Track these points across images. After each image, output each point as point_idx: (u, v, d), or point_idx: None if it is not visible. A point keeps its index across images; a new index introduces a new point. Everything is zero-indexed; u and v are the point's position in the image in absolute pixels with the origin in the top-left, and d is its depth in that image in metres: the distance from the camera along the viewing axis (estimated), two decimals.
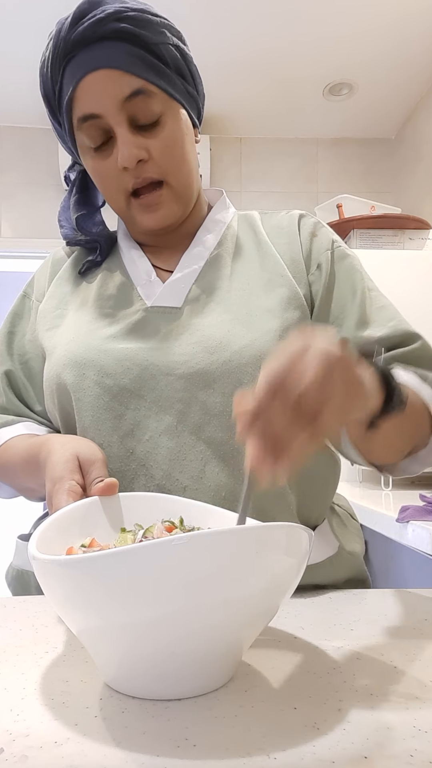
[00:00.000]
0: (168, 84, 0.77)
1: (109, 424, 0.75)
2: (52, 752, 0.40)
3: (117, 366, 0.75)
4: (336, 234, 0.89)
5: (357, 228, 2.24)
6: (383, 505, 1.48)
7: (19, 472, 0.78)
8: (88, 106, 0.76)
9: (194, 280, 0.82)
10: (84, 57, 0.75)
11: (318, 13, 2.30)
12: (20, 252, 3.10)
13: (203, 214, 0.90)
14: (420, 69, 2.63)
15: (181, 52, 0.79)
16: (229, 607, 0.44)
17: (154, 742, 0.41)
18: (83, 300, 0.85)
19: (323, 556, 0.79)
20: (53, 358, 0.80)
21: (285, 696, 0.48)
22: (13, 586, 0.86)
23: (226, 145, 3.17)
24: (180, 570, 0.42)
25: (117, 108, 0.75)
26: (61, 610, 0.47)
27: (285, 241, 0.86)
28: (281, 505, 0.75)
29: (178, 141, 0.79)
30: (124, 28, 0.74)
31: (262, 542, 0.44)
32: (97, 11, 0.74)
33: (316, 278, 0.83)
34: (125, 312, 0.81)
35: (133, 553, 0.42)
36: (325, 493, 0.82)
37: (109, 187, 0.81)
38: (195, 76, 0.82)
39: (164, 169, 0.78)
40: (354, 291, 0.82)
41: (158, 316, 0.79)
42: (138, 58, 0.75)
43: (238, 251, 0.85)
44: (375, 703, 0.47)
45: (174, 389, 0.74)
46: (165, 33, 0.77)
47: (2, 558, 1.15)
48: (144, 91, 0.75)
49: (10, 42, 2.40)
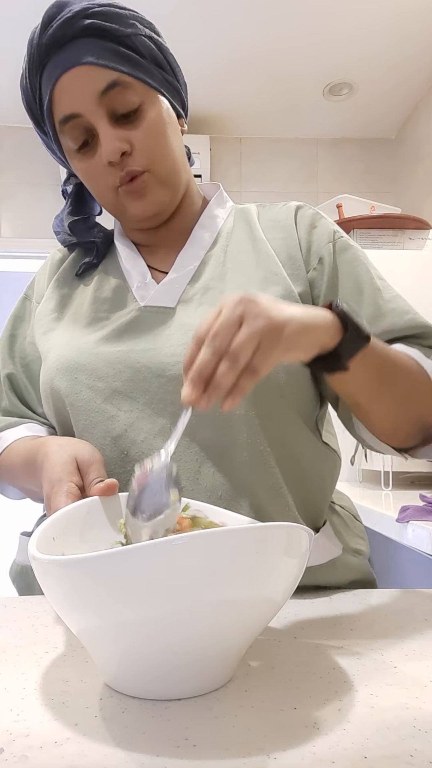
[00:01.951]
0: (144, 73, 0.77)
1: (103, 427, 0.74)
2: (52, 752, 0.40)
3: (109, 369, 0.75)
4: (336, 224, 0.87)
5: (357, 228, 2.24)
6: (383, 505, 1.48)
7: (19, 473, 0.78)
8: (67, 107, 0.76)
9: (189, 280, 0.81)
10: (57, 59, 0.75)
11: (318, 12, 2.30)
12: (20, 252, 3.10)
13: (197, 208, 0.89)
14: (420, 69, 2.63)
15: (155, 43, 0.79)
16: (229, 607, 0.44)
17: (154, 742, 0.41)
18: (79, 303, 0.85)
19: (326, 558, 0.78)
20: (47, 363, 0.80)
21: (285, 696, 0.48)
22: (17, 582, 0.86)
23: (226, 145, 3.17)
24: (180, 570, 0.42)
25: (95, 104, 0.75)
26: (61, 610, 0.47)
27: (281, 236, 0.84)
28: (279, 504, 0.75)
29: (160, 130, 0.78)
30: (93, 23, 0.74)
31: (262, 542, 0.44)
32: (65, 12, 0.75)
33: (318, 274, 0.81)
34: (119, 314, 0.80)
35: (133, 553, 0.42)
36: (323, 492, 0.82)
37: (97, 185, 0.81)
38: (173, 66, 0.82)
39: (148, 158, 0.77)
40: (360, 285, 0.80)
41: (151, 316, 0.79)
42: (110, 51, 0.75)
43: (233, 249, 0.84)
44: (375, 703, 0.47)
45: (166, 391, 0.74)
46: (135, 24, 0.77)
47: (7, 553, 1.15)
48: (120, 82, 0.75)
49: (9, 41, 2.40)
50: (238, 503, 0.72)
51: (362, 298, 0.80)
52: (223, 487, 0.72)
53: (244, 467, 0.73)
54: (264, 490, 0.74)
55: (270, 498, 0.74)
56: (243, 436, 0.73)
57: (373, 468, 1.90)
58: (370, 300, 0.79)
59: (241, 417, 0.73)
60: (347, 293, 0.80)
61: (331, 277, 0.81)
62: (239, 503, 0.72)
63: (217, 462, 0.73)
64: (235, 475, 0.73)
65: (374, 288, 0.80)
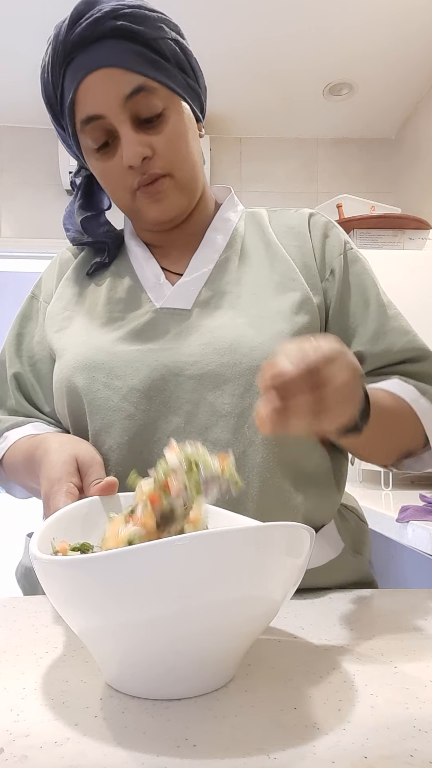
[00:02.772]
0: (169, 79, 0.77)
1: (119, 426, 0.74)
2: (52, 752, 0.40)
3: (126, 367, 0.75)
4: (345, 233, 0.88)
5: (357, 228, 2.24)
6: (383, 505, 1.48)
7: (22, 471, 0.78)
8: (91, 108, 0.75)
9: (204, 282, 0.81)
10: (83, 58, 0.74)
11: (318, 12, 2.30)
12: (20, 252, 3.10)
13: (210, 211, 0.89)
14: (420, 68, 2.63)
15: (180, 46, 0.79)
16: (229, 607, 0.44)
17: (154, 742, 0.41)
18: (92, 303, 0.84)
19: (326, 558, 0.78)
20: (63, 360, 0.80)
21: (285, 696, 0.48)
22: (22, 584, 0.86)
23: (226, 145, 3.17)
24: (181, 570, 0.42)
25: (119, 107, 0.74)
26: (62, 610, 0.47)
27: (296, 243, 0.85)
28: (286, 507, 0.74)
29: (182, 135, 0.78)
30: (122, 25, 0.74)
31: (264, 542, 0.44)
32: (94, 11, 0.74)
33: (330, 285, 0.83)
34: (134, 314, 0.80)
35: (134, 553, 0.42)
36: (330, 493, 0.81)
37: (115, 187, 0.80)
38: (195, 70, 0.82)
39: (169, 163, 0.77)
40: (367, 300, 0.83)
41: (168, 318, 0.79)
42: (137, 54, 0.75)
43: (246, 253, 0.84)
44: (375, 703, 0.47)
45: (183, 390, 0.74)
46: (163, 28, 0.77)
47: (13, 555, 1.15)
48: (145, 87, 0.75)
49: (10, 40, 2.40)
50: (243, 505, 0.72)
51: (368, 312, 0.82)
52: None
53: (252, 468, 0.73)
54: (271, 491, 0.73)
55: (277, 500, 0.74)
56: (253, 436, 0.73)
57: (373, 468, 1.89)
58: (375, 316, 0.82)
59: (251, 418, 0.73)
60: (355, 307, 0.83)
61: (341, 290, 0.83)
62: (245, 505, 0.72)
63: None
64: (242, 476, 0.72)
65: (380, 304, 0.83)
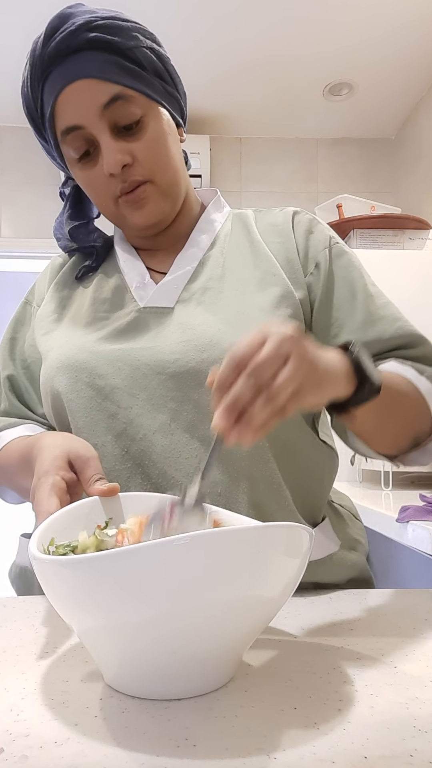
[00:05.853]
0: (146, 86, 0.78)
1: (103, 424, 0.75)
2: (52, 752, 0.40)
3: (108, 366, 0.76)
4: (332, 230, 0.89)
5: (357, 228, 2.24)
6: (383, 505, 1.48)
7: (16, 472, 0.78)
8: (69, 119, 0.77)
9: (187, 280, 0.82)
10: (60, 71, 0.76)
11: (318, 12, 2.30)
12: (20, 252, 3.10)
13: (195, 214, 0.90)
14: (420, 69, 2.63)
15: (157, 54, 0.80)
16: (229, 607, 0.44)
17: (154, 742, 0.41)
18: (79, 304, 0.86)
19: (324, 553, 0.79)
20: (48, 361, 0.81)
21: (285, 696, 0.48)
22: (16, 584, 0.86)
23: (226, 145, 3.17)
24: (180, 570, 0.42)
25: (97, 116, 0.76)
26: (62, 610, 0.47)
27: (279, 240, 0.85)
28: (278, 500, 0.75)
29: (161, 141, 0.79)
30: (96, 37, 0.75)
31: (263, 542, 0.44)
32: (68, 24, 0.75)
33: (314, 279, 0.83)
34: (118, 314, 0.82)
35: (134, 553, 0.42)
36: (321, 487, 0.83)
37: (98, 195, 0.82)
38: (173, 76, 0.83)
39: (149, 170, 0.79)
40: (354, 291, 0.82)
41: (150, 317, 0.80)
42: (113, 64, 0.76)
43: (231, 251, 0.85)
44: (375, 703, 0.47)
45: (166, 388, 0.74)
46: (138, 36, 0.78)
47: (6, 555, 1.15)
48: (122, 96, 0.76)
49: (9, 41, 2.40)
50: (237, 499, 0.73)
51: (355, 303, 0.81)
52: (222, 484, 0.73)
53: (243, 463, 0.74)
54: (263, 485, 0.74)
55: (269, 493, 0.75)
56: None
57: (373, 468, 1.90)
58: (362, 306, 0.81)
59: None
60: (341, 299, 0.82)
61: (326, 283, 0.83)
62: (238, 499, 0.73)
63: (217, 459, 0.73)
64: (234, 471, 0.73)
65: (367, 294, 0.82)
